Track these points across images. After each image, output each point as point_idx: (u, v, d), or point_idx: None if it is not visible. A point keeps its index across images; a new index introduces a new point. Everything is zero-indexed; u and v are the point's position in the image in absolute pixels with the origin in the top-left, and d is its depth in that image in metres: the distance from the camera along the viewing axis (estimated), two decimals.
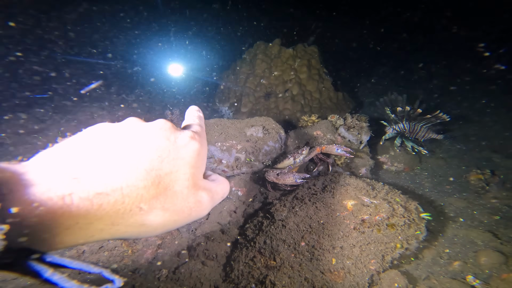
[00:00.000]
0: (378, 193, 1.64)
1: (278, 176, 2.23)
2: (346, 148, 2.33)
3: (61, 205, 0.40)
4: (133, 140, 0.52)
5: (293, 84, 4.47)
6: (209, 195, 0.59)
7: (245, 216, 2.36)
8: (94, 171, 0.45)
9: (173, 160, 0.53)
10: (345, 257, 1.43)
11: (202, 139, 0.64)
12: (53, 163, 0.45)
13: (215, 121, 2.97)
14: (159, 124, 0.58)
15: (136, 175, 0.48)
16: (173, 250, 2.05)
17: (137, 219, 0.47)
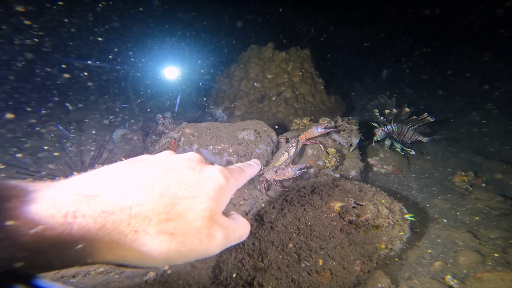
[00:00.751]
0: (365, 195, 1.67)
1: (278, 172, 2.25)
2: (324, 125, 2.40)
3: (62, 222, 0.37)
4: (156, 166, 0.51)
5: (286, 88, 4.52)
6: (224, 233, 0.53)
7: None
8: (106, 191, 0.43)
9: (191, 187, 0.51)
10: (331, 258, 1.46)
11: (232, 178, 0.61)
12: (68, 183, 0.43)
13: (207, 124, 2.99)
14: (188, 156, 0.59)
15: (149, 197, 0.45)
16: None
17: (141, 244, 0.43)
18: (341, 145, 2.83)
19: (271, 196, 2.52)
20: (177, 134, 2.96)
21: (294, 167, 2.18)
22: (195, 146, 2.75)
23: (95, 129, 4.57)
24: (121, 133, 4.26)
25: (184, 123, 3.06)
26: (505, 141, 3.49)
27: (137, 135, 4.33)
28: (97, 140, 4.19)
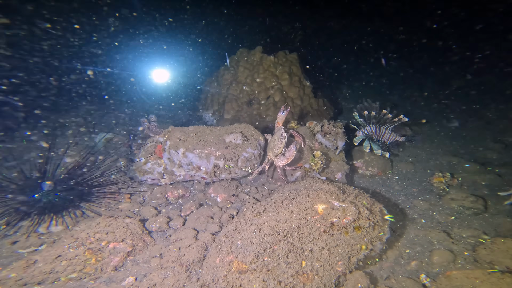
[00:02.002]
0: (348, 197, 1.71)
1: (285, 155, 2.42)
2: (282, 108, 2.72)
3: None
4: None
5: (275, 91, 4.56)
6: None
7: (221, 221, 2.35)
8: None
9: None
10: (314, 259, 1.47)
11: None
12: None
13: (193, 128, 2.97)
14: None
15: None
16: (145, 257, 2.00)
17: None
18: (327, 148, 2.88)
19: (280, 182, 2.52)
20: (163, 138, 2.92)
21: (292, 145, 2.38)
22: (181, 150, 2.72)
23: (78, 133, 4.43)
24: (106, 137, 4.15)
25: (170, 126, 3.03)
26: (479, 143, 3.67)
27: (123, 139, 4.23)
28: (79, 145, 4.05)
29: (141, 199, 2.77)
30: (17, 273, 1.58)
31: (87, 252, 1.76)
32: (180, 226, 2.36)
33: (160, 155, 2.88)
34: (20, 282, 1.55)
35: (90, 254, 1.77)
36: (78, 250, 1.74)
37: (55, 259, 1.67)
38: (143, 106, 6.07)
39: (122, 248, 1.90)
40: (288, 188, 2.28)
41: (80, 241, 1.79)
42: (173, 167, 2.81)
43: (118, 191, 2.81)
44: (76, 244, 1.76)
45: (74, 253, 1.72)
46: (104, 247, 1.83)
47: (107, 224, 1.95)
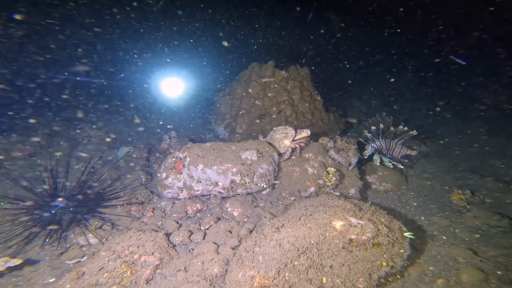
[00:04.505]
0: (365, 214, 1.77)
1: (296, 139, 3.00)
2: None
3: None
4: None
5: (286, 106, 4.71)
6: None
7: (239, 235, 2.44)
8: None
9: None
10: (335, 275, 1.53)
11: None
12: None
13: (211, 144, 3.12)
14: None
15: None
16: (171, 271, 2.11)
17: None
18: (340, 164, 2.96)
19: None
20: (183, 154, 3.08)
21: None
22: (200, 166, 2.87)
23: (98, 146, 4.66)
24: (126, 150, 4.36)
25: (189, 143, 3.20)
26: (500, 160, 3.61)
27: (142, 153, 4.42)
28: (102, 158, 4.28)
29: (162, 213, 2.90)
30: (70, 284, 1.73)
31: (123, 265, 1.89)
32: (201, 239, 2.46)
33: (180, 171, 3.03)
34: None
35: (126, 267, 1.89)
36: (116, 262, 1.87)
37: (99, 271, 1.81)
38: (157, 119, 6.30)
39: (151, 261, 2.01)
40: (304, 204, 2.37)
41: (117, 254, 1.92)
42: (192, 182, 2.95)
43: (142, 204, 2.97)
44: (114, 257, 1.89)
45: (113, 265, 1.85)
46: (137, 260, 1.96)
47: (137, 238, 2.08)
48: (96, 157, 4.27)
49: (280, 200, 3.04)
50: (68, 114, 5.85)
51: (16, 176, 3.52)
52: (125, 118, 6.09)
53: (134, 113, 6.50)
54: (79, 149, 4.52)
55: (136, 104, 6.99)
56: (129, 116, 6.22)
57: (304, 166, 3.06)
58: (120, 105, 6.76)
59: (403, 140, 3.29)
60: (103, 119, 5.89)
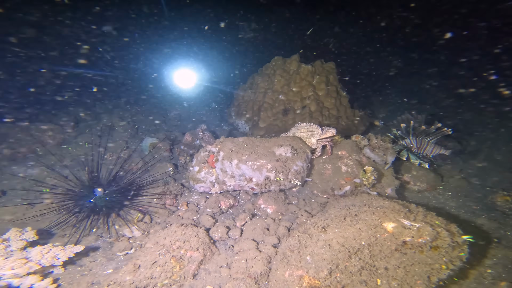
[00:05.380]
0: (416, 216, 1.75)
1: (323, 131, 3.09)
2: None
3: None
4: None
5: (311, 101, 4.63)
6: None
7: (277, 233, 2.47)
8: None
9: None
10: (390, 277, 1.53)
11: None
12: None
13: (244, 139, 3.12)
14: None
15: None
16: (214, 267, 2.16)
17: None
18: (375, 163, 2.91)
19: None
20: (216, 148, 3.10)
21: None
22: (235, 162, 2.88)
23: (123, 137, 4.74)
24: (150, 142, 4.40)
25: (221, 137, 3.21)
26: None
27: (165, 144, 4.47)
28: (129, 148, 4.36)
29: (196, 207, 2.96)
30: (129, 276, 1.80)
31: (172, 260, 1.94)
32: (238, 236, 2.50)
33: (212, 165, 3.06)
34: (132, 285, 1.77)
35: (174, 261, 1.95)
36: (165, 257, 1.93)
37: (152, 265, 1.87)
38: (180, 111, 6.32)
39: (196, 256, 2.06)
40: (344, 203, 2.35)
41: (166, 249, 1.98)
42: (225, 177, 2.98)
43: (175, 197, 3.03)
44: (163, 251, 1.95)
45: (164, 260, 1.90)
46: (184, 255, 2.01)
47: (182, 233, 2.13)
48: (122, 147, 4.35)
49: (312, 198, 3.04)
50: (91, 104, 5.97)
51: (51, 164, 3.64)
52: (145, 109, 6.16)
53: (153, 105, 6.56)
54: (104, 138, 4.60)
55: (155, 97, 7.05)
56: (148, 108, 6.29)
57: (336, 164, 3.03)
58: (139, 97, 6.84)
59: (437, 138, 3.20)
60: (124, 109, 5.97)
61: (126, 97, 6.62)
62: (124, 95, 6.75)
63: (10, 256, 1.69)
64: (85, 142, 4.29)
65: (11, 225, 2.46)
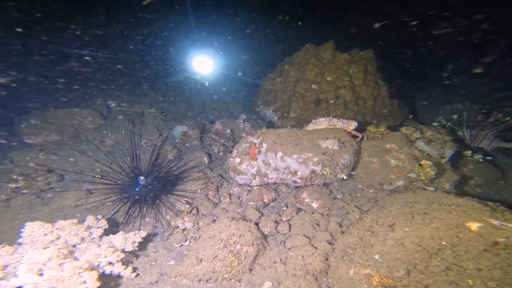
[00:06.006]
0: (503, 215, 1.60)
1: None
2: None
3: None
4: None
5: (346, 90, 4.42)
6: None
7: (328, 229, 2.38)
8: None
9: None
10: (484, 278, 1.41)
11: None
12: None
13: (286, 131, 3.01)
14: None
15: None
16: (267, 262, 2.11)
17: None
18: (430, 156, 2.73)
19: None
20: (257, 140, 3.01)
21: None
22: (280, 154, 2.78)
23: (154, 124, 4.73)
24: (181, 129, 4.35)
25: (263, 128, 3.10)
26: None
27: (196, 133, 4.40)
28: (162, 136, 4.34)
29: (238, 199, 2.91)
30: (193, 269, 1.79)
31: (230, 254, 1.91)
32: (287, 231, 2.44)
33: (254, 157, 2.98)
34: (196, 278, 1.75)
35: (232, 256, 1.91)
36: (224, 251, 1.90)
37: (213, 260, 1.84)
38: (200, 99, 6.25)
39: (251, 251, 2.02)
40: (404, 200, 2.22)
41: (223, 243, 1.94)
42: (267, 170, 2.90)
43: (217, 189, 2.99)
44: (222, 246, 1.92)
45: (223, 254, 1.87)
46: (240, 250, 1.97)
47: (236, 227, 2.08)
48: (155, 134, 4.34)
49: (358, 192, 2.91)
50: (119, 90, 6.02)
51: (93, 150, 3.70)
52: (169, 97, 6.13)
53: (177, 92, 6.52)
54: (136, 125, 4.62)
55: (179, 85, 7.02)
56: (172, 95, 6.25)
57: (384, 157, 2.87)
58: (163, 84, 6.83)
59: (497, 130, 2.94)
60: (150, 96, 5.97)
61: (151, 84, 6.63)
62: (148, 82, 6.78)
63: (99, 243, 1.70)
64: (121, 128, 4.32)
65: (77, 211, 2.53)
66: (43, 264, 1.41)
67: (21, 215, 2.40)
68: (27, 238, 1.61)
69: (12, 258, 1.46)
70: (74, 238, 1.68)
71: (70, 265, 1.43)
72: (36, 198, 2.65)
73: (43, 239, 1.61)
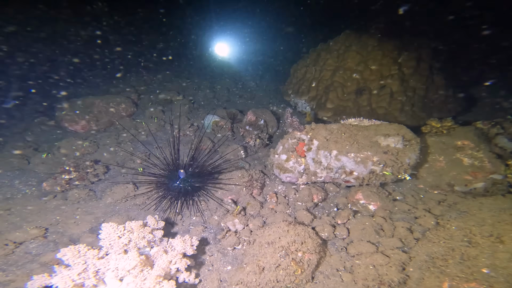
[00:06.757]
0: None
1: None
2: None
3: None
4: None
5: (394, 80, 4.01)
6: None
7: (394, 235, 2.15)
8: None
9: None
10: None
11: None
12: None
13: (338, 127, 2.74)
14: None
15: None
16: (329, 270, 1.95)
17: None
18: None
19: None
20: (306, 136, 2.78)
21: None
22: (335, 152, 2.55)
23: (183, 112, 4.59)
24: (213, 119, 4.16)
25: (312, 123, 2.86)
26: None
27: (227, 123, 4.21)
28: (193, 126, 4.20)
29: (284, 199, 2.73)
30: (254, 277, 1.67)
31: (292, 262, 1.76)
32: (346, 236, 2.24)
33: (302, 154, 2.76)
34: (259, 287, 1.63)
35: (295, 264, 1.76)
36: (286, 259, 1.75)
37: (276, 268, 1.71)
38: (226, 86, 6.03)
39: (313, 259, 1.86)
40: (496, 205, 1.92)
41: (285, 251, 1.79)
42: (317, 168, 2.68)
43: (262, 188, 2.83)
44: (283, 253, 1.77)
45: (286, 262, 1.73)
46: (303, 258, 1.81)
47: (296, 233, 1.92)
48: (186, 123, 4.21)
49: (420, 193, 2.63)
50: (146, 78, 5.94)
51: (130, 139, 3.65)
52: (194, 83, 5.96)
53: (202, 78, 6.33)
54: (167, 113, 4.51)
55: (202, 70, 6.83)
56: (197, 82, 6.07)
57: (454, 155, 2.55)
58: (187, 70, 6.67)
59: None
60: (175, 83, 5.84)
61: (175, 70, 6.50)
62: (173, 67, 6.65)
63: (166, 248, 1.63)
64: (153, 117, 4.23)
65: (128, 206, 2.48)
66: (128, 271, 1.34)
67: (80, 209, 2.39)
68: (106, 241, 1.56)
69: (100, 263, 1.42)
70: (142, 241, 1.60)
71: (152, 274, 1.37)
72: (90, 191, 2.64)
73: (119, 243, 1.55)
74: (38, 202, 2.47)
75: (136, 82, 5.53)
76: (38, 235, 2.05)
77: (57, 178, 2.64)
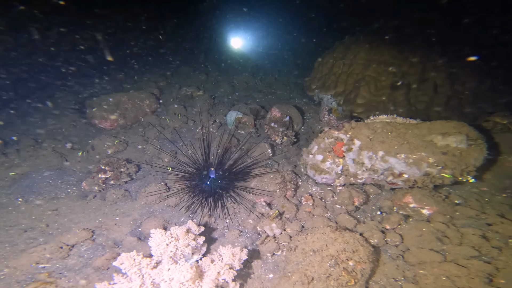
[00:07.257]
0: None
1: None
2: None
3: None
4: None
5: (439, 72, 3.64)
6: None
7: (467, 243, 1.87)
8: None
9: None
10: None
11: None
12: None
13: (382, 125, 2.48)
14: None
15: None
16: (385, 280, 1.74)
17: None
18: None
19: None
20: (346, 136, 2.54)
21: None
22: (381, 153, 2.30)
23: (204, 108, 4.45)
24: (236, 116, 3.99)
25: (352, 121, 2.62)
26: None
27: (250, 119, 4.01)
28: (216, 122, 4.06)
29: (320, 201, 2.53)
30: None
31: (343, 272, 1.58)
32: (399, 243, 2.01)
33: (340, 154, 2.53)
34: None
35: (346, 275, 1.58)
36: (337, 269, 1.58)
37: (327, 279, 1.55)
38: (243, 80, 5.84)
39: (366, 269, 1.66)
40: None
41: (335, 259, 1.61)
42: (358, 170, 2.45)
43: (295, 190, 2.65)
44: (333, 263, 1.60)
45: (337, 272, 1.57)
46: (355, 268, 1.62)
47: (344, 240, 1.73)
48: (209, 120, 4.07)
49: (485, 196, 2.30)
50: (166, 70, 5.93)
51: (156, 137, 3.59)
52: (212, 77, 5.84)
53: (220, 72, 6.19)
54: (187, 108, 4.40)
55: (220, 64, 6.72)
56: (215, 76, 5.93)
57: None
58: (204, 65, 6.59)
59: None
60: (194, 77, 5.74)
61: (194, 65, 6.43)
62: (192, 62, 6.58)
63: (213, 258, 1.53)
64: (176, 113, 4.15)
65: (162, 207, 2.41)
66: (181, 283, 1.25)
67: (118, 210, 2.35)
68: (157, 250, 1.49)
69: (154, 273, 1.36)
70: (187, 249, 1.50)
71: (204, 287, 1.26)
72: (125, 191, 2.60)
73: (167, 251, 1.48)
74: (81, 203, 2.46)
75: (157, 77, 5.51)
76: (87, 237, 2.03)
77: (94, 177, 2.62)
